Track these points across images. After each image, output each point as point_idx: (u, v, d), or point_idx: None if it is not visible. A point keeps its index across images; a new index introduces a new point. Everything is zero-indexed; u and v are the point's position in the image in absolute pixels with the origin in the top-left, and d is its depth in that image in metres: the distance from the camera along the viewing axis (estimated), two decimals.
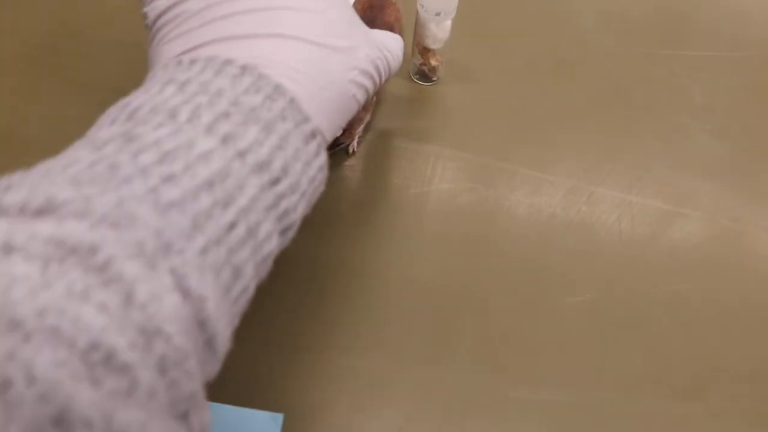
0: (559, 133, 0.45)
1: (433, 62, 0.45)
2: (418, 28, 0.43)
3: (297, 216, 0.25)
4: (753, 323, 0.38)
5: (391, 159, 0.43)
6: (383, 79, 0.33)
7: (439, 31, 0.42)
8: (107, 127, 0.24)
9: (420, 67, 0.46)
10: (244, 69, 0.25)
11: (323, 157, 0.27)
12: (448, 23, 0.42)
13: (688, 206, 0.42)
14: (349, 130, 0.41)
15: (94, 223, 0.19)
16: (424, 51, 0.44)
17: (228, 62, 0.25)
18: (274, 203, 0.24)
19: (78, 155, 0.22)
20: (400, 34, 0.46)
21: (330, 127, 0.28)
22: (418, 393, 0.35)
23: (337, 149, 0.42)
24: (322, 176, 0.27)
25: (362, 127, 0.42)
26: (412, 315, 0.37)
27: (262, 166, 0.23)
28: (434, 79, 0.47)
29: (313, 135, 0.26)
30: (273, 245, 0.24)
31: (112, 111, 0.24)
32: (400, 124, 0.45)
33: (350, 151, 0.43)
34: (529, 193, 0.42)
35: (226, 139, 0.23)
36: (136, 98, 0.24)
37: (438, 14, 0.40)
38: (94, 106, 0.26)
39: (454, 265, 0.39)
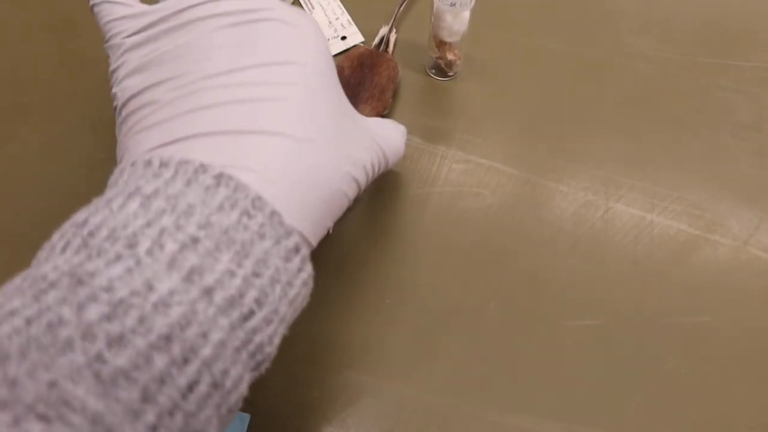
0: (580, 140, 0.41)
1: (449, 56, 0.42)
2: (434, 19, 0.40)
3: (273, 348, 0.22)
4: None
5: None
6: (377, 173, 0.29)
7: (455, 23, 0.39)
8: (59, 255, 0.21)
9: (436, 60, 0.43)
10: (219, 179, 0.22)
11: (307, 272, 0.23)
12: (466, 15, 0.39)
13: (718, 232, 0.38)
14: None
15: (18, 415, 0.17)
16: (441, 44, 0.41)
17: (202, 169, 0.22)
18: (246, 341, 0.21)
19: (15, 305, 0.19)
20: (395, 90, 0.42)
21: (316, 232, 0.25)
22: (391, 409, 0.33)
23: None
24: (306, 291, 0.24)
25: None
26: (393, 325, 0.35)
27: (232, 302, 0.20)
28: (451, 74, 0.44)
29: (296, 249, 0.23)
30: (243, 389, 0.21)
31: (68, 230, 0.21)
32: (409, 119, 0.42)
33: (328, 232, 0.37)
34: (539, 203, 0.39)
35: (190, 275, 0.20)
36: (96, 215, 0.21)
37: (453, 4, 0.37)
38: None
39: (447, 275, 0.36)
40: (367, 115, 0.37)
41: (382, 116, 0.41)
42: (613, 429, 0.32)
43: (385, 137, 0.30)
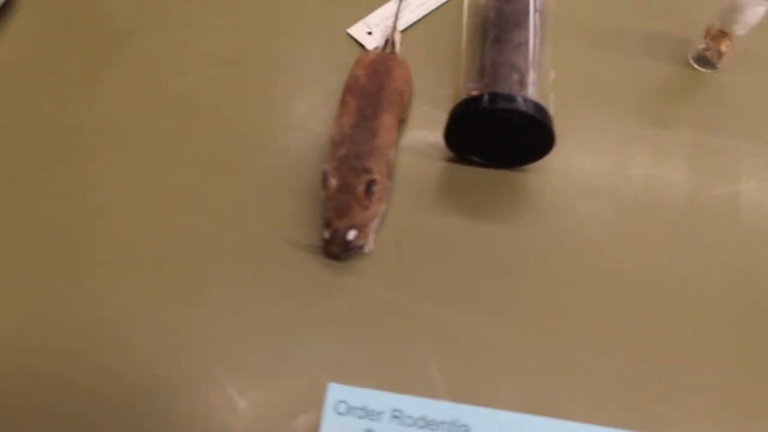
0: None
1: (723, 48, 0.42)
2: (729, 11, 0.39)
3: None
4: None
5: (677, 153, 0.40)
6: None
7: (750, 16, 0.39)
8: None
9: (702, 52, 0.43)
10: None
11: None
12: (763, 9, 0.38)
13: None
14: (363, 229, 0.35)
15: None
16: (719, 35, 0.41)
17: None
18: None
19: None
20: (409, 97, 0.41)
21: None
22: None
23: (352, 252, 0.36)
24: None
25: (377, 221, 0.37)
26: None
27: None
28: (717, 66, 0.43)
29: None
30: None
31: None
32: (680, 112, 0.42)
33: (367, 251, 0.37)
34: None
35: None
36: None
37: None
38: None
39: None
40: (388, 123, 0.37)
41: (401, 120, 0.40)
42: None
43: None
